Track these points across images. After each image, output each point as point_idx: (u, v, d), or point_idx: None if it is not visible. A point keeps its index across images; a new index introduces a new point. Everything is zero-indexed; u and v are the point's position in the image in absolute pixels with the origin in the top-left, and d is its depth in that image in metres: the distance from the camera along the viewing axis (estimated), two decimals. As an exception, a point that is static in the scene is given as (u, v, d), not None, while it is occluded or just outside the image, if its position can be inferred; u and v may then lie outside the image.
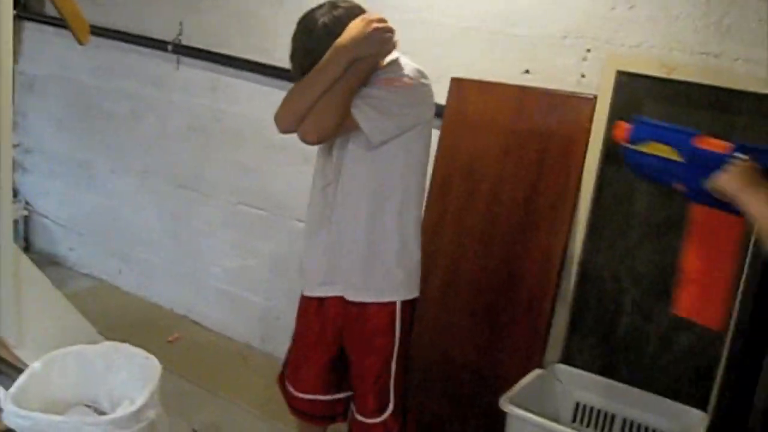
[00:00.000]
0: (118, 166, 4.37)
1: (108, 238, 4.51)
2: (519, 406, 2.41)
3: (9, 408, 2.22)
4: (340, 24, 2.08)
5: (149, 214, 4.29)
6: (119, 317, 3.90)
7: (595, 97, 2.60)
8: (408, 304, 2.30)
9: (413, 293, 2.32)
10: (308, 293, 2.38)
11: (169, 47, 3.86)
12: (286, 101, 2.16)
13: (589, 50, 2.66)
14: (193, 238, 4.12)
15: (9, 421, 2.18)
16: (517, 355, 2.72)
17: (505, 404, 2.42)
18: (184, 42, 3.83)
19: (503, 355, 2.76)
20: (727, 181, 1.57)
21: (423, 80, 2.18)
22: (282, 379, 2.51)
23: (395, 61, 2.18)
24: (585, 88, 2.67)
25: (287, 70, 2.36)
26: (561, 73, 2.72)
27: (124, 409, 2.30)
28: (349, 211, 2.23)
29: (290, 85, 2.22)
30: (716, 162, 1.60)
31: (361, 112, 2.08)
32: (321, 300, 2.35)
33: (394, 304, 2.27)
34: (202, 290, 4.10)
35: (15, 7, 4.48)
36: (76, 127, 4.56)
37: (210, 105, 3.77)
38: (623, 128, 1.81)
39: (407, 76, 2.14)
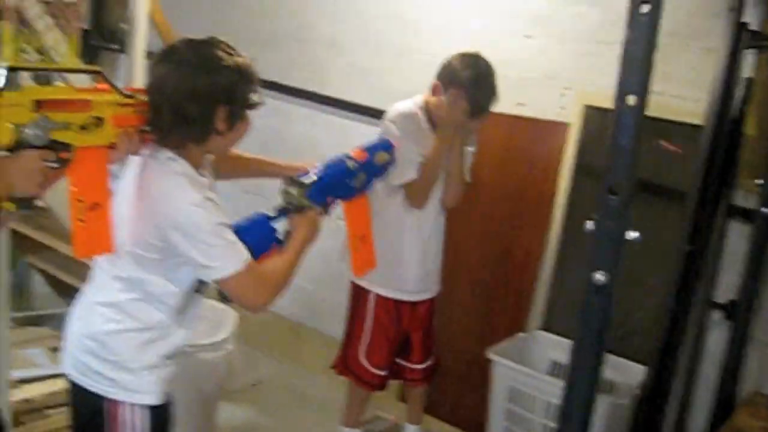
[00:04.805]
0: (196, 175, 5.20)
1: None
2: (502, 357, 3.19)
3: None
4: None
5: (220, 215, 5.10)
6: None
7: (568, 124, 3.38)
8: None
9: None
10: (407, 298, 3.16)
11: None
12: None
13: (566, 88, 3.44)
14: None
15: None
16: (506, 322, 3.49)
17: (491, 354, 3.20)
18: (255, 75, 4.66)
19: (496, 322, 3.53)
20: None
21: None
22: (344, 364, 3.20)
23: None
24: (565, 118, 3.43)
25: (337, 99, 3.19)
26: (546, 106, 3.48)
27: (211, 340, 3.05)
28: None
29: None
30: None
31: None
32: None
33: None
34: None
35: (114, 42, 5.41)
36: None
37: (275, 126, 4.58)
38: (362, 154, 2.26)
39: None
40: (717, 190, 2.94)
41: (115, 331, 1.89)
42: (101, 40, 5.46)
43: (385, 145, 2.31)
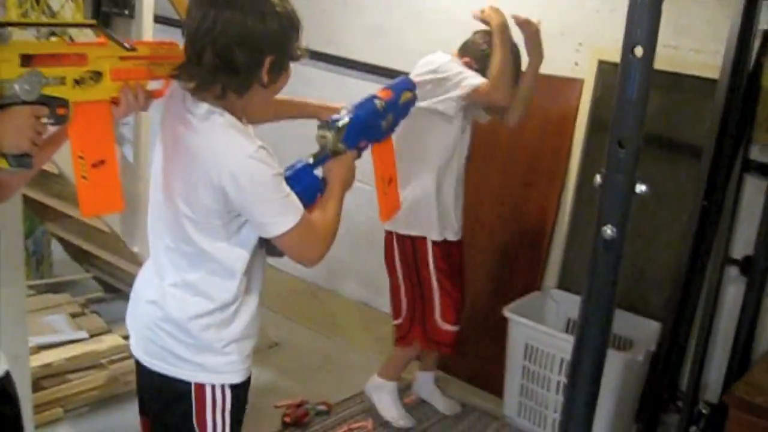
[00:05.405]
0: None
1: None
2: (518, 315, 3.19)
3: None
4: None
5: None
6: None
7: (583, 80, 3.34)
8: None
9: None
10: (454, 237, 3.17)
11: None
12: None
13: (580, 44, 3.39)
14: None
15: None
16: (522, 281, 3.48)
17: (506, 312, 3.20)
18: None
19: (512, 280, 3.52)
20: None
21: None
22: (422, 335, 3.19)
23: None
24: (578, 74, 3.39)
25: (352, 60, 3.17)
26: (560, 62, 3.44)
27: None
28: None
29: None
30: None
31: None
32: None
33: None
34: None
35: (126, 8, 5.41)
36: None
37: (290, 88, 4.55)
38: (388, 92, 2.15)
39: None
40: (733, 145, 2.91)
41: (195, 315, 1.78)
42: (113, 6, 5.47)
43: (409, 85, 2.25)
